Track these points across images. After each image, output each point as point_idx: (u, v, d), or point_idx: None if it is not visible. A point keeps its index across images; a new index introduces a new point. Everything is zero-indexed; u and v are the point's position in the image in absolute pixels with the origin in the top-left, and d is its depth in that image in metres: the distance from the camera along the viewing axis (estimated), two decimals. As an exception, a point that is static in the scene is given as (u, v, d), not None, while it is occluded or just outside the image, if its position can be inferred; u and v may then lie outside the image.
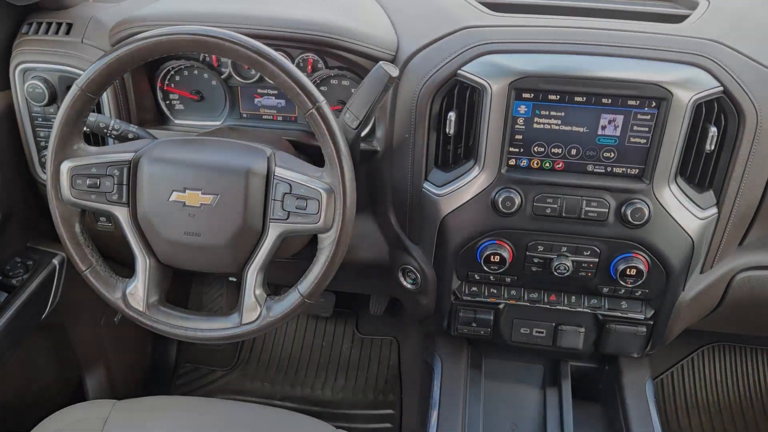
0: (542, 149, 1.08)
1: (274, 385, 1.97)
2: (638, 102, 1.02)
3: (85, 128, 1.04)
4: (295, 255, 1.23)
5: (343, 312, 2.06)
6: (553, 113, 1.05)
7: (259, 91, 1.28)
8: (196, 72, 1.28)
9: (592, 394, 1.36)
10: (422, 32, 1.14)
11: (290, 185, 0.98)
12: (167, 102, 1.30)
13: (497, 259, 1.14)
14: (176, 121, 1.31)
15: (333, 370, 1.99)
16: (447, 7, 1.17)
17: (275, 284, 1.05)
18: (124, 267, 1.15)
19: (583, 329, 1.23)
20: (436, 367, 1.30)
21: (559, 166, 1.09)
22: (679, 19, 1.11)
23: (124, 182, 1.00)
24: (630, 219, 1.08)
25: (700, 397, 1.87)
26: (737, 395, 1.87)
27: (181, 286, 2.04)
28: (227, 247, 1.00)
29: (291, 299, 1.02)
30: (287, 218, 0.98)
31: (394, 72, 1.00)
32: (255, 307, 1.02)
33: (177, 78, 1.29)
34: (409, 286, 1.30)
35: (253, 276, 1.01)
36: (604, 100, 1.03)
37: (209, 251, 1.01)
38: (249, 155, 1.00)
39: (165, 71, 1.27)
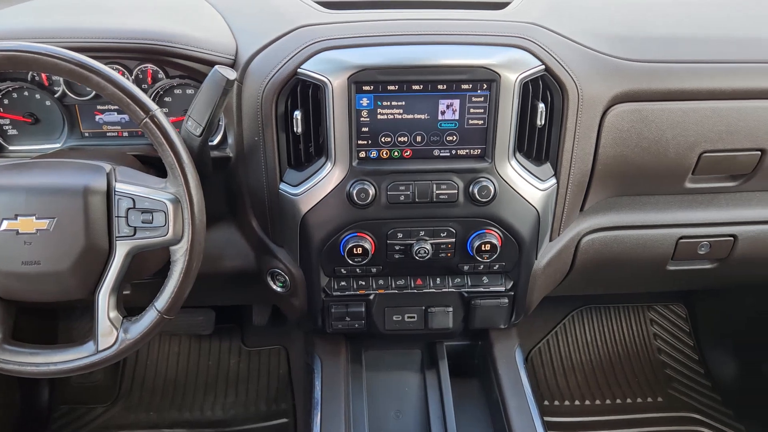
0: (389, 139, 1.11)
1: (161, 412, 1.89)
2: (471, 86, 1.08)
3: None
4: (158, 273, 1.19)
5: (225, 327, 2.02)
6: (394, 103, 1.09)
7: (99, 107, 1.22)
8: (26, 93, 1.20)
9: (470, 370, 1.42)
10: (260, 34, 1.14)
11: (133, 200, 0.94)
12: (-2, 128, 1.22)
13: (360, 251, 1.16)
14: (11, 148, 1.23)
15: (222, 388, 1.94)
16: (282, 7, 1.18)
17: (142, 308, 1.02)
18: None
19: (451, 309, 1.27)
20: (316, 367, 1.30)
21: (408, 153, 1.13)
22: (501, 6, 1.19)
23: None
24: (478, 197, 1.13)
25: (575, 359, 2.00)
26: (607, 353, 2.01)
27: (45, 323, 1.91)
28: (72, 272, 0.95)
29: (149, 318, 0.98)
30: (134, 234, 0.95)
31: (231, 75, 0.99)
32: (111, 331, 0.98)
33: (5, 101, 1.20)
34: (279, 289, 1.29)
35: (105, 299, 0.97)
36: (440, 87, 1.08)
37: (52, 279, 0.95)
38: (86, 173, 0.95)
39: (-10, 95, 1.19)
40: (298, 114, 1.09)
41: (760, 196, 1.32)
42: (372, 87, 1.07)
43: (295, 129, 1.10)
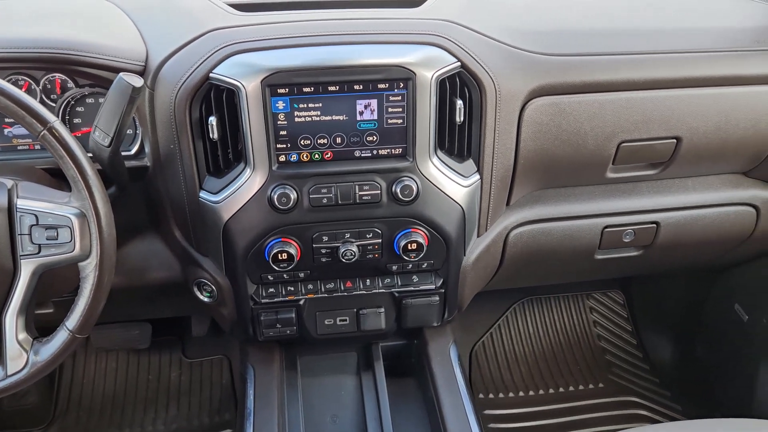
0: (308, 142, 1.10)
1: (101, 432, 1.83)
2: (387, 85, 1.07)
3: None
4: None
5: (164, 339, 1.96)
6: (311, 105, 1.07)
7: (8, 120, 1.17)
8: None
9: (407, 370, 1.41)
10: (170, 39, 1.10)
11: (36, 216, 0.90)
12: None
13: (285, 256, 1.14)
14: None
15: (163, 402, 1.89)
16: (193, 11, 1.15)
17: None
18: None
19: (382, 309, 1.27)
20: (248, 376, 1.28)
21: (328, 155, 1.11)
22: (415, 3, 1.18)
23: None
24: (401, 196, 1.12)
25: (518, 351, 2.02)
26: (549, 343, 2.04)
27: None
28: (-27, 295, 0.90)
29: (60, 338, 0.94)
30: (39, 252, 0.91)
31: (137, 82, 0.96)
32: (20, 354, 0.93)
33: None
34: (206, 299, 1.26)
35: (12, 321, 0.93)
36: (357, 87, 1.07)
37: (-48, 304, 0.90)
38: None
39: None
40: (213, 120, 1.06)
41: (679, 183, 1.35)
42: (287, 90, 1.05)
43: (211, 135, 1.07)
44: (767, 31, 1.24)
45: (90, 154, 0.95)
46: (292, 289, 1.23)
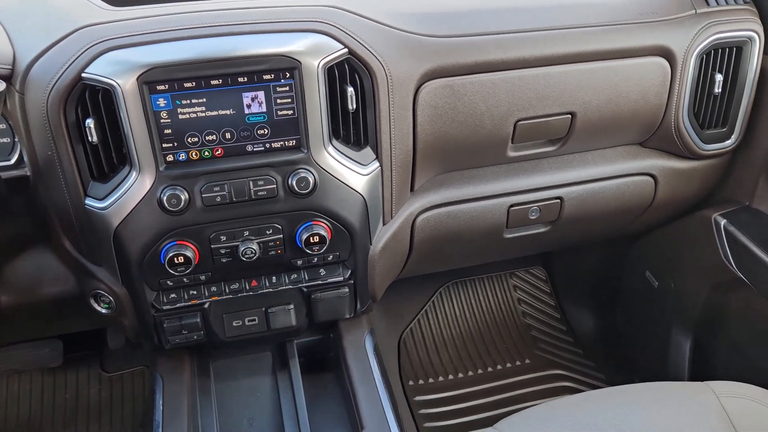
0: (196, 139, 1.05)
1: (16, 458, 1.74)
2: (273, 75, 1.04)
3: None
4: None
5: (80, 355, 1.88)
6: (194, 101, 1.03)
7: None
8: None
9: (325, 365, 1.39)
10: (39, 38, 1.04)
11: None
12: None
13: (182, 259, 1.10)
14: None
15: (83, 421, 1.81)
16: (63, 7, 1.08)
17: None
18: None
19: (292, 306, 1.24)
20: (157, 387, 1.23)
21: (219, 152, 1.07)
22: None
23: None
24: (298, 189, 1.10)
25: (446, 334, 2.03)
26: (476, 324, 2.06)
27: None
28: None
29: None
30: None
31: None
32: None
33: None
34: (105, 311, 1.20)
35: None
36: (241, 79, 1.03)
37: None
38: None
39: None
40: (90, 122, 1.01)
41: (579, 157, 1.37)
42: (167, 86, 1.00)
43: (90, 139, 1.02)
44: (651, 3, 1.27)
45: None
46: (195, 292, 1.19)
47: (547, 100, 1.22)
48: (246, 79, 1.03)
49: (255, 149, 1.08)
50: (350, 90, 1.09)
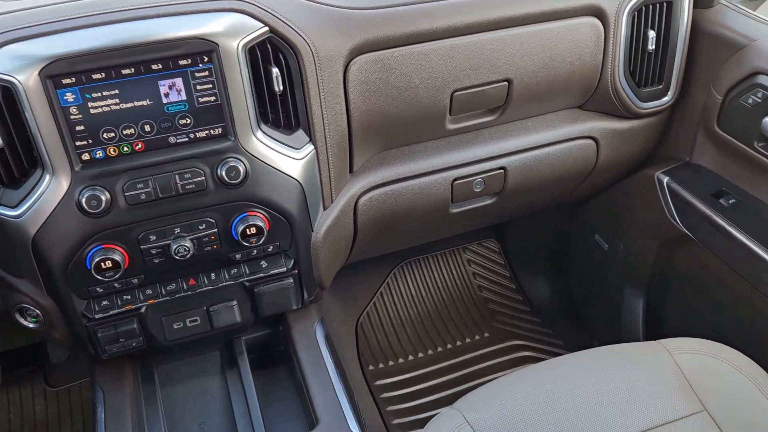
0: (113, 134, 0.98)
1: (-40, 486, 1.64)
2: (190, 60, 0.97)
3: None
4: None
5: (22, 371, 1.78)
6: (106, 93, 0.95)
7: None
8: None
9: (277, 359, 1.34)
10: None
11: None
12: None
13: (110, 264, 1.03)
14: None
15: (30, 441, 1.72)
16: None
17: None
18: None
19: (235, 302, 1.18)
20: (98, 399, 1.16)
21: (139, 147, 1.00)
22: None
23: None
24: (228, 180, 1.04)
25: (403, 315, 2.00)
26: (433, 302, 2.03)
27: None
28: None
29: None
30: None
31: None
32: None
33: None
34: (33, 325, 1.12)
35: None
36: (155, 67, 0.96)
37: None
38: None
39: None
40: None
41: (520, 125, 1.35)
42: (74, 79, 0.93)
43: None
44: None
45: None
46: (129, 297, 1.12)
47: (482, 68, 1.18)
48: (161, 66, 0.96)
49: (178, 141, 1.02)
50: (275, 71, 1.03)
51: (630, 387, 1.08)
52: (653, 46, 1.28)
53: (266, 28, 1.01)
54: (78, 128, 0.96)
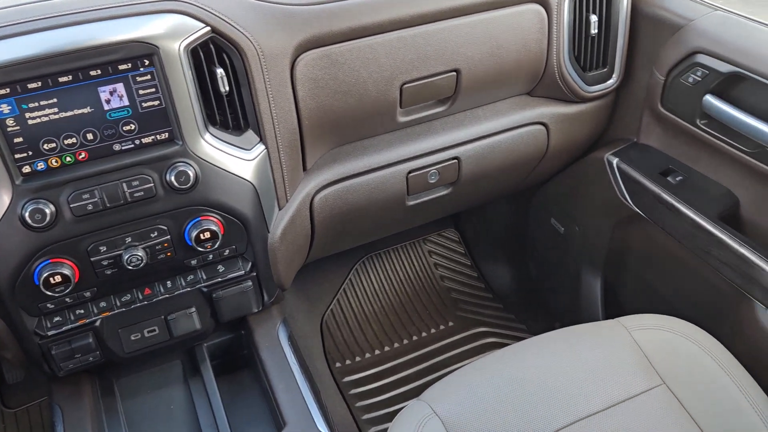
0: (54, 145, 0.95)
1: None
2: (130, 65, 0.95)
3: None
4: None
5: (-26, 395, 1.72)
6: (44, 103, 0.92)
7: None
8: None
9: (240, 364, 1.33)
10: None
11: None
12: None
13: (59, 279, 1.00)
14: None
15: (-11, 465, 1.67)
16: None
17: None
18: None
19: (193, 309, 1.16)
20: (56, 418, 1.13)
21: (83, 156, 0.97)
22: None
23: None
24: (178, 185, 1.02)
25: (367, 310, 1.99)
26: (396, 295, 2.04)
27: None
28: None
29: None
30: None
31: None
32: None
33: None
34: (-19, 346, 1.09)
35: None
36: (94, 73, 0.93)
37: None
38: None
39: None
40: None
41: (471, 114, 1.35)
42: (8, 90, 0.89)
43: None
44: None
45: None
46: (82, 311, 1.09)
47: (430, 60, 1.19)
48: (100, 72, 0.93)
49: (123, 148, 0.99)
50: (220, 71, 1.01)
51: (591, 366, 1.10)
52: (596, 30, 1.30)
53: (208, 28, 0.99)
54: (16, 140, 0.93)
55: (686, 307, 1.38)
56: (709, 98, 1.19)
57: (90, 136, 0.97)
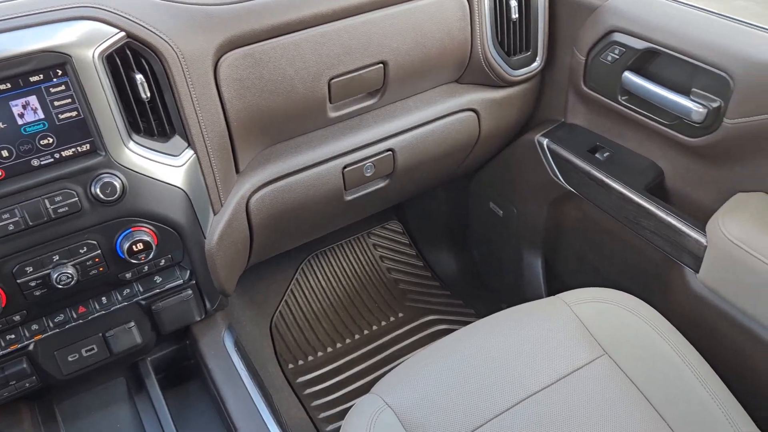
0: (-34, 165, 0.90)
1: None
2: (42, 76, 0.91)
3: None
4: None
5: None
6: (-50, 121, 0.88)
7: None
8: None
9: (188, 375, 1.30)
10: None
11: None
12: None
13: (-15, 305, 0.95)
14: None
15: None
16: None
17: None
18: None
19: (133, 323, 1.13)
20: (-7, 450, 1.08)
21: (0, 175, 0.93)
22: None
23: None
24: (104, 197, 0.98)
25: (316, 309, 1.98)
26: (344, 291, 2.03)
27: None
28: None
29: None
30: None
31: None
32: None
33: None
34: None
35: None
36: (2, 87, 0.89)
37: None
38: None
39: None
40: None
41: (401, 105, 1.36)
42: None
43: None
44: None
45: None
46: (13, 336, 1.04)
47: (356, 53, 1.18)
48: (10, 85, 0.89)
49: (42, 163, 0.95)
50: (139, 77, 0.98)
51: (535, 343, 1.12)
52: (516, 15, 1.33)
53: (122, 33, 0.96)
54: (-76, 163, 0.88)
55: (623, 278, 1.42)
56: (628, 75, 1.23)
57: (5, 153, 0.92)
